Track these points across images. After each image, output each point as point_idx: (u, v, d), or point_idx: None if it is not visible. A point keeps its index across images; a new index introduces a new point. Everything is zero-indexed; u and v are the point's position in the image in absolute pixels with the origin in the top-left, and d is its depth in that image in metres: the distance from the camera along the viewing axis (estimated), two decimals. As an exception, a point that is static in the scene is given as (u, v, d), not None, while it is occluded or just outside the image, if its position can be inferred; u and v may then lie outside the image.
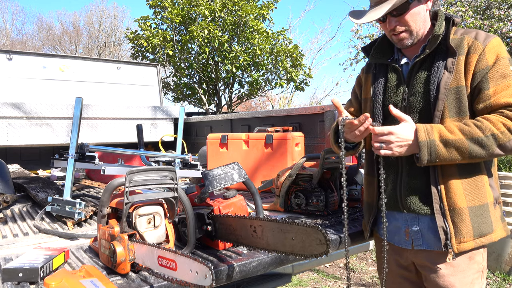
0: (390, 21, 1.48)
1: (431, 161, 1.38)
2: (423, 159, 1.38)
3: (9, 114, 3.55)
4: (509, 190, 4.32)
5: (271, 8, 8.61)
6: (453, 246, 1.41)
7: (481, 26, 7.22)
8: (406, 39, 1.50)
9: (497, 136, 1.32)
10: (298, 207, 2.10)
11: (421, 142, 1.37)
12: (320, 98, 17.69)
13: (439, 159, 1.37)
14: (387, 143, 1.40)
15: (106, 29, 24.68)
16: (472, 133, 1.34)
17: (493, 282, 3.99)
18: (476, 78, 1.41)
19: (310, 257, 1.14)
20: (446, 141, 1.35)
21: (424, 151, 1.37)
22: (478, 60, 1.40)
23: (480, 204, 1.43)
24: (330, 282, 4.19)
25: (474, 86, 1.42)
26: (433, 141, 1.36)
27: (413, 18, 1.47)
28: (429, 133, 1.37)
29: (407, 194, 1.52)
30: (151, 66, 5.37)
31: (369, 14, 1.48)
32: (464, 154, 1.35)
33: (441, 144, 1.36)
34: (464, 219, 1.41)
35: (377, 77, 1.64)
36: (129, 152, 2.78)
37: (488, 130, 1.33)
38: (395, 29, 1.49)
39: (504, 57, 1.41)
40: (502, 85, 1.37)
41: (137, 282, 1.23)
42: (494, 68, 1.39)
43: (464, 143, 1.34)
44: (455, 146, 1.35)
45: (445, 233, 1.42)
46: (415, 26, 1.48)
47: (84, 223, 2.00)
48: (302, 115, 3.26)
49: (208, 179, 1.53)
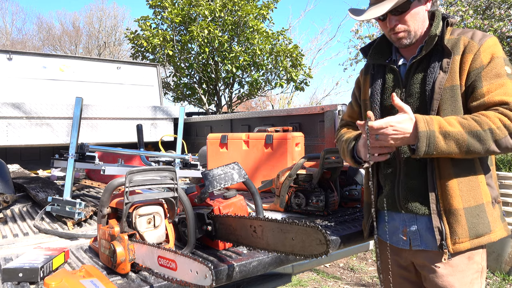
0: (390, 20, 1.48)
1: (428, 152, 1.35)
2: (421, 150, 1.34)
3: (9, 114, 3.55)
4: (509, 190, 4.32)
5: (271, 8, 8.61)
6: (448, 246, 1.41)
7: (481, 25, 7.22)
8: (404, 39, 1.50)
9: (494, 131, 1.31)
10: (298, 207, 2.10)
11: (421, 132, 1.33)
12: (320, 98, 17.68)
13: (437, 151, 1.34)
14: (383, 135, 1.37)
15: (106, 29, 24.70)
16: (470, 127, 1.33)
17: (493, 282, 3.99)
18: (471, 77, 1.41)
19: (310, 257, 1.14)
20: (446, 133, 1.33)
21: (422, 142, 1.33)
22: (473, 60, 1.41)
23: (476, 204, 1.42)
24: (330, 282, 4.19)
25: (468, 85, 1.42)
26: (433, 132, 1.34)
27: (413, 18, 1.47)
28: (429, 124, 1.35)
29: (405, 195, 1.52)
30: (151, 66, 5.37)
31: (370, 12, 1.48)
32: (462, 147, 1.33)
33: (441, 136, 1.33)
34: (460, 220, 1.41)
35: (375, 78, 1.64)
36: (129, 152, 2.78)
37: (486, 124, 1.32)
38: (394, 28, 1.49)
39: (499, 57, 1.41)
40: (496, 84, 1.37)
41: (137, 282, 1.23)
42: (489, 67, 1.39)
43: (463, 135, 1.33)
44: (454, 139, 1.33)
45: (440, 233, 1.43)
46: (414, 26, 1.49)
47: (84, 223, 2.00)
48: (302, 115, 3.26)
49: (208, 179, 1.54)
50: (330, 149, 2.04)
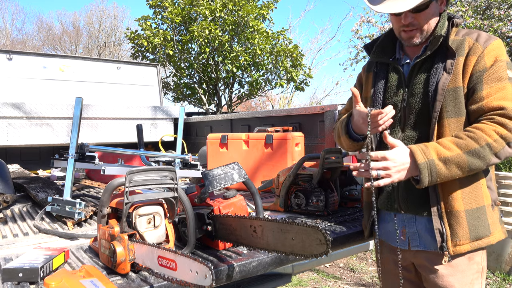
0: (407, 16, 1.45)
1: (431, 181, 1.34)
2: (424, 181, 1.33)
3: (9, 114, 3.55)
4: (509, 190, 4.31)
5: (271, 8, 8.61)
6: (449, 248, 1.41)
7: (481, 26, 7.22)
8: (416, 37, 1.48)
9: (492, 144, 1.31)
10: (298, 207, 2.10)
11: (420, 164, 1.33)
12: (320, 98, 17.68)
13: (440, 178, 1.34)
14: (385, 170, 1.36)
15: (106, 29, 24.69)
16: (468, 146, 1.32)
17: (493, 282, 3.99)
18: (473, 79, 1.40)
19: (310, 257, 1.14)
20: (445, 159, 1.32)
21: (424, 173, 1.33)
22: (477, 62, 1.40)
23: (477, 206, 1.42)
24: (330, 282, 4.19)
25: (469, 87, 1.41)
26: (432, 161, 1.33)
27: (429, 17, 1.46)
28: (426, 154, 1.34)
29: (404, 195, 1.52)
30: (151, 66, 5.37)
31: (388, 4, 1.42)
32: (464, 168, 1.33)
33: (441, 163, 1.32)
34: (461, 222, 1.40)
35: (378, 76, 1.63)
36: (129, 152, 2.78)
37: (483, 139, 1.31)
38: (408, 25, 1.46)
39: (503, 60, 1.40)
40: (496, 88, 1.36)
41: (137, 282, 1.23)
42: (491, 70, 1.38)
43: (462, 157, 1.32)
44: (454, 163, 1.32)
45: (441, 235, 1.42)
46: (428, 25, 1.47)
47: (84, 223, 2.00)
48: (302, 115, 3.26)
49: (208, 179, 1.53)
50: (330, 149, 2.04)
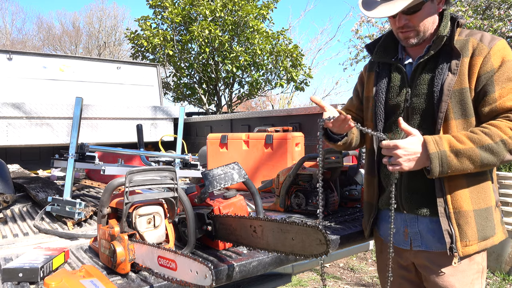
0: (401, 18, 1.45)
1: (442, 172, 1.34)
2: (435, 171, 1.33)
3: (9, 114, 3.55)
4: (509, 190, 4.31)
5: (271, 8, 8.62)
6: (459, 249, 1.40)
7: (481, 26, 7.22)
8: (412, 38, 1.48)
9: (506, 141, 1.31)
10: (298, 207, 2.10)
11: (432, 153, 1.33)
12: (320, 98, 17.66)
13: (451, 169, 1.34)
14: (395, 157, 1.36)
15: (106, 29, 24.68)
16: (481, 141, 1.31)
17: (493, 282, 3.99)
18: (481, 81, 1.39)
19: (310, 257, 1.14)
20: (457, 151, 1.32)
21: (435, 163, 1.33)
22: (483, 63, 1.39)
23: (486, 207, 1.42)
24: (330, 282, 4.19)
25: (479, 89, 1.40)
26: (444, 151, 1.33)
27: (424, 18, 1.45)
28: (438, 144, 1.33)
29: (407, 195, 1.52)
30: (151, 66, 5.37)
31: (381, 9, 1.43)
32: (476, 162, 1.32)
33: (452, 154, 1.32)
34: (470, 222, 1.40)
35: (380, 76, 1.62)
36: (129, 152, 2.78)
37: (497, 136, 1.31)
38: (403, 27, 1.46)
39: (510, 60, 1.39)
40: (508, 88, 1.36)
41: (137, 282, 1.23)
42: (500, 71, 1.37)
43: (475, 151, 1.31)
44: (466, 156, 1.32)
45: (450, 236, 1.41)
46: (424, 26, 1.46)
47: (84, 223, 2.00)
48: (302, 115, 3.26)
49: (208, 179, 1.53)
50: (330, 149, 2.03)
